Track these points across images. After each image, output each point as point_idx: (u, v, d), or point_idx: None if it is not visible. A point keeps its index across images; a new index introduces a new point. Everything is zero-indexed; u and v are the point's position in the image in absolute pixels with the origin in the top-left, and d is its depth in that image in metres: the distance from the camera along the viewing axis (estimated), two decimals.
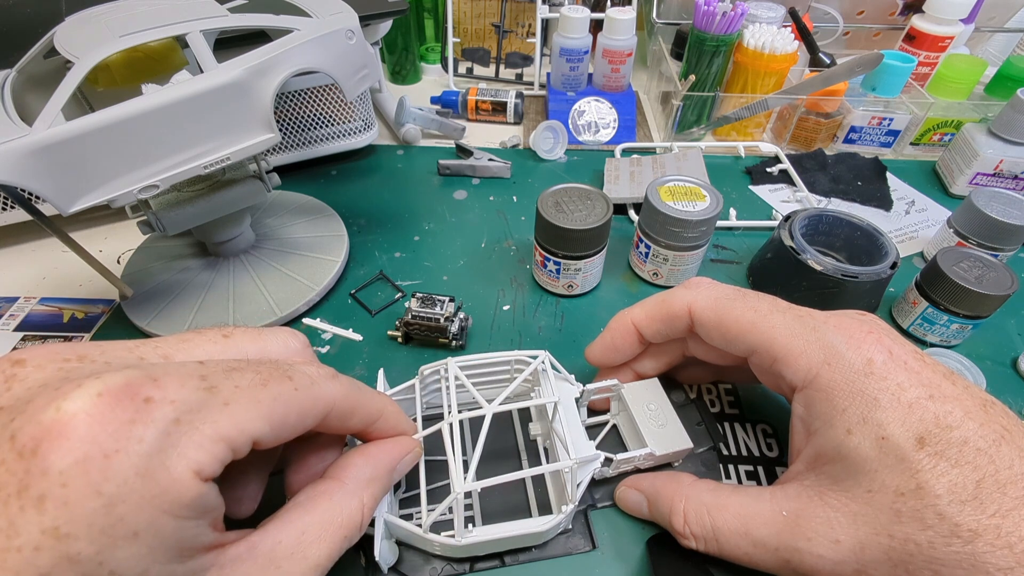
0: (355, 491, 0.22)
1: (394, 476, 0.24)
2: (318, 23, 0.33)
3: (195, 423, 0.16)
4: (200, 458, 0.16)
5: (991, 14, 0.70)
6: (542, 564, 0.28)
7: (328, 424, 0.21)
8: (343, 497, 0.21)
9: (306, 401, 0.19)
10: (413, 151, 0.59)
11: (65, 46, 0.29)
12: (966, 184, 0.53)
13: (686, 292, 0.28)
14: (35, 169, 0.26)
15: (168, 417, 0.15)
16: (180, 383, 0.16)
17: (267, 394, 0.18)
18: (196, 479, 0.16)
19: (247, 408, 0.17)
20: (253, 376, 0.18)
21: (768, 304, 0.26)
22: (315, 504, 0.21)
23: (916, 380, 0.21)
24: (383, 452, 0.24)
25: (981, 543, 0.18)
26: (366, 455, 0.23)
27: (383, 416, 0.24)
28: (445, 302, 0.37)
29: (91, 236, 0.48)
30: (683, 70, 0.60)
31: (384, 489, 0.23)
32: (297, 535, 0.20)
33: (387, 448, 0.24)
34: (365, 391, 0.23)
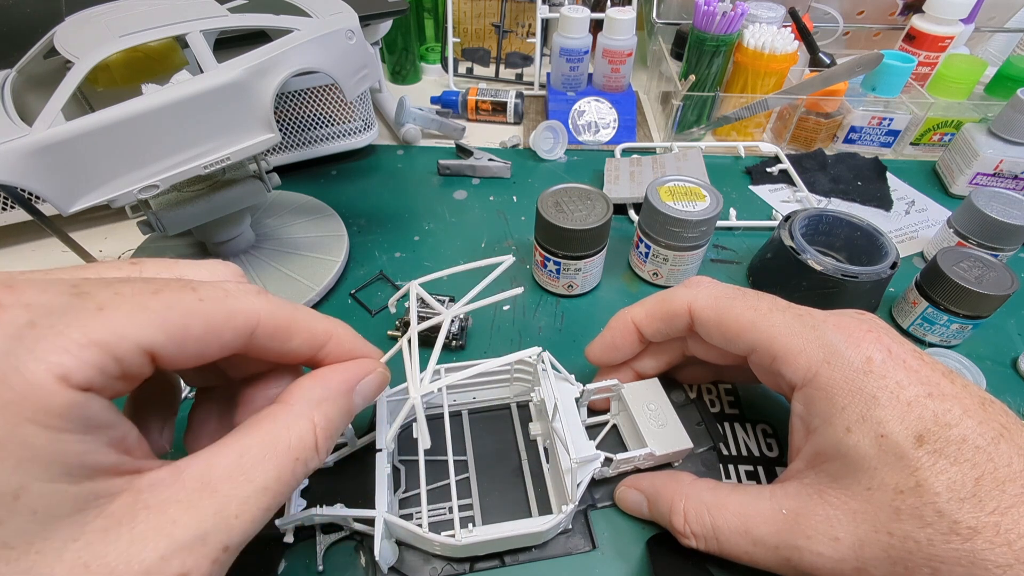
0: (303, 411, 0.20)
1: (357, 399, 0.22)
2: (318, 23, 0.33)
3: (57, 327, 0.14)
4: (64, 361, 0.14)
5: (991, 14, 0.70)
6: (542, 564, 0.28)
7: (260, 346, 0.19)
8: (290, 417, 0.19)
9: (216, 313, 0.18)
10: (413, 151, 0.59)
11: (65, 46, 0.29)
12: (966, 184, 0.53)
13: (686, 291, 0.28)
14: (35, 169, 0.26)
15: (19, 320, 0.14)
16: (41, 289, 0.15)
17: (159, 302, 0.16)
18: (62, 385, 0.14)
19: (129, 314, 0.15)
20: (143, 286, 0.16)
21: (768, 303, 0.26)
22: (257, 426, 0.19)
23: (915, 378, 0.21)
24: (336, 372, 0.22)
25: (980, 540, 0.18)
26: (315, 377, 0.21)
27: (334, 338, 0.22)
28: (445, 302, 0.37)
29: (91, 236, 0.48)
30: (683, 70, 0.60)
31: (343, 412, 0.21)
32: (235, 457, 0.17)
33: (341, 368, 0.22)
34: (305, 311, 0.21)
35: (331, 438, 0.20)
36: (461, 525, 0.26)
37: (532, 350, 0.29)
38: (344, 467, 0.31)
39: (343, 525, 0.28)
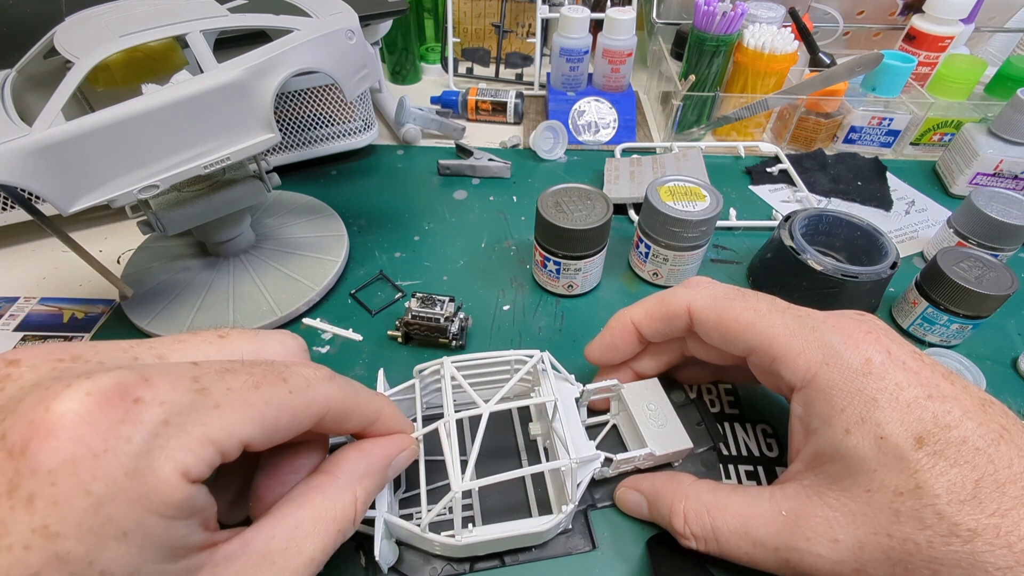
0: (348, 485, 0.22)
1: (390, 473, 0.24)
2: (318, 23, 0.33)
3: (184, 425, 0.16)
4: (187, 460, 0.16)
5: (991, 14, 0.70)
6: (542, 564, 0.28)
7: (324, 426, 0.21)
8: (336, 491, 0.21)
9: (300, 404, 0.19)
10: (413, 151, 0.59)
11: (65, 46, 0.29)
12: (966, 184, 0.53)
13: (685, 291, 0.28)
14: (35, 169, 0.26)
15: (157, 418, 0.15)
16: (171, 384, 0.16)
17: (259, 397, 0.18)
18: (183, 480, 0.16)
19: (237, 411, 0.17)
20: (246, 378, 0.18)
21: (767, 304, 0.26)
22: (308, 499, 0.21)
23: (915, 380, 0.21)
24: (378, 448, 0.23)
25: (980, 542, 0.18)
26: (360, 450, 0.23)
27: (381, 417, 0.24)
28: (445, 302, 0.37)
29: (91, 236, 0.48)
30: (683, 70, 0.60)
31: (379, 484, 0.23)
32: (290, 530, 0.19)
33: (382, 444, 0.24)
34: (363, 392, 0.23)
35: (366, 508, 0.22)
36: (461, 525, 0.26)
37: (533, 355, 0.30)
38: None
39: None
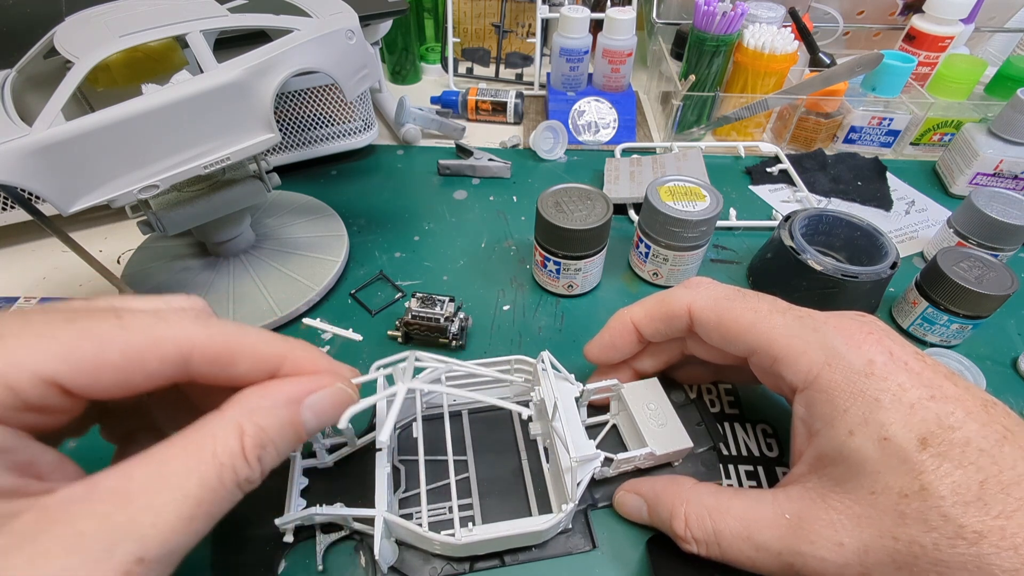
0: (233, 417, 0.18)
1: (305, 414, 0.20)
2: (318, 23, 0.33)
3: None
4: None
5: (991, 14, 0.70)
6: (542, 564, 0.28)
7: (202, 373, 0.19)
8: (217, 423, 0.18)
9: (138, 341, 0.17)
10: (413, 151, 0.59)
11: (65, 46, 0.29)
12: (966, 184, 0.53)
13: (686, 292, 0.28)
14: (35, 169, 0.26)
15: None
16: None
17: (69, 331, 0.16)
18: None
19: (30, 343, 0.16)
20: (58, 315, 0.16)
21: (768, 304, 0.26)
22: (182, 435, 0.18)
23: (917, 381, 0.21)
24: (281, 383, 0.20)
25: (986, 544, 0.18)
26: (259, 386, 0.20)
27: (289, 360, 0.21)
28: (445, 302, 0.37)
29: (91, 236, 0.48)
30: (683, 70, 0.60)
31: (281, 423, 0.19)
32: (155, 467, 0.17)
33: (290, 381, 0.20)
34: (254, 334, 0.20)
35: (262, 448, 0.18)
36: (461, 524, 0.26)
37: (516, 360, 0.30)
38: (344, 467, 0.31)
39: (343, 525, 0.28)
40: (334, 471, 0.31)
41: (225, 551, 0.28)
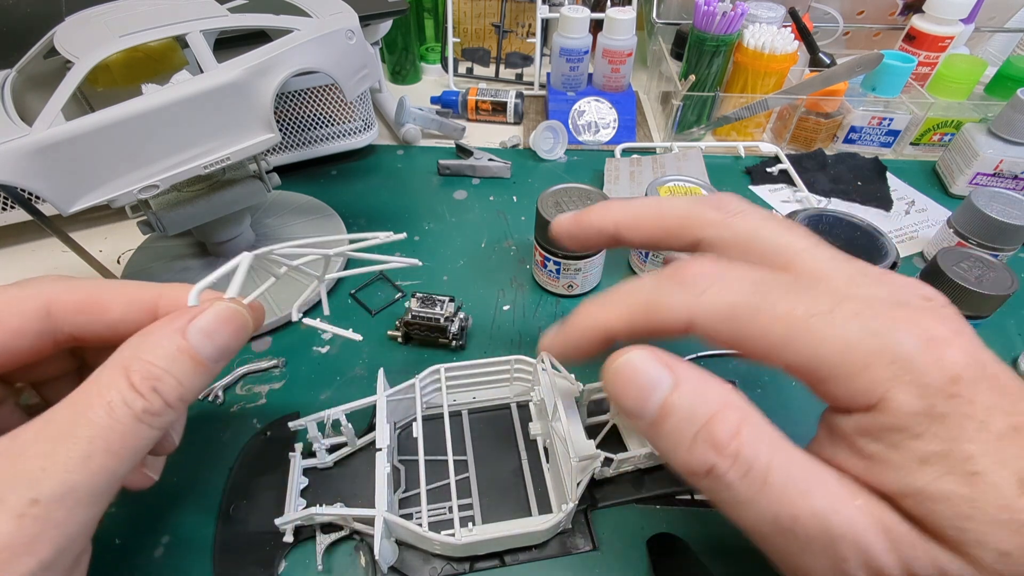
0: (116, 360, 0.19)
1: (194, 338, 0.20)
2: (318, 23, 0.33)
3: None
4: None
5: (991, 14, 0.70)
6: (542, 564, 0.28)
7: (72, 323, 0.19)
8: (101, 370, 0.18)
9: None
10: (413, 151, 0.59)
11: (65, 46, 0.29)
12: (966, 184, 0.53)
13: (684, 296, 0.20)
14: (35, 169, 0.26)
15: None
16: None
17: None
18: None
19: None
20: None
21: (805, 304, 0.18)
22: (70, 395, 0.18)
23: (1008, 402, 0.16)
24: (162, 320, 0.20)
25: None
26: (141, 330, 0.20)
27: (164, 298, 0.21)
28: (445, 302, 0.37)
29: (91, 236, 0.48)
30: (683, 70, 0.60)
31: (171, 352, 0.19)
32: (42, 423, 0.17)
33: (170, 315, 0.20)
34: (124, 282, 0.21)
35: (156, 379, 0.18)
36: (461, 524, 0.26)
37: None
38: (344, 467, 0.31)
39: (343, 525, 0.28)
40: (334, 471, 0.31)
41: (225, 551, 0.28)
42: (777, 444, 0.17)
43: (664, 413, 0.17)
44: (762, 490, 0.16)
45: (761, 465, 0.17)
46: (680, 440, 0.17)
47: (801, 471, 0.17)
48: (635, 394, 0.18)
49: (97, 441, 0.17)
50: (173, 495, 0.30)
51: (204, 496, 0.30)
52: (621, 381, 0.18)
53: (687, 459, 0.17)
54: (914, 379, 0.16)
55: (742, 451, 0.17)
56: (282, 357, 0.37)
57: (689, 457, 0.17)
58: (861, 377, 0.17)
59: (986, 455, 0.15)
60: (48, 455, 0.17)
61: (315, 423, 0.29)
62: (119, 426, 0.18)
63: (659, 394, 0.17)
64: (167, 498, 0.30)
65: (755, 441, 0.17)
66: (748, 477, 0.17)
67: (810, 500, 0.16)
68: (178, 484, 0.30)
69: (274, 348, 0.38)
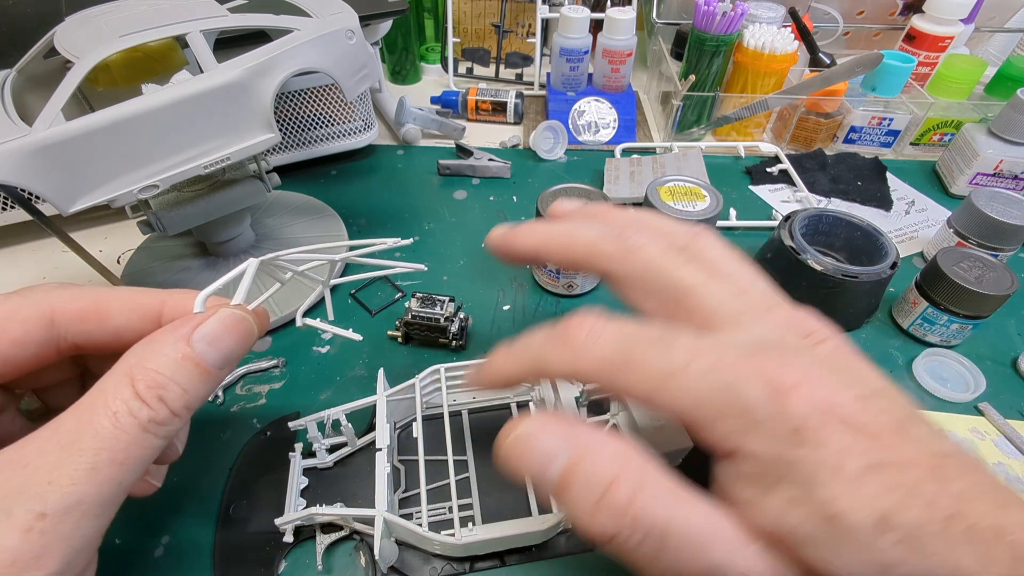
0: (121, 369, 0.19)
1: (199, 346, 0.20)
2: (318, 23, 0.33)
3: None
4: None
5: (991, 14, 0.70)
6: (542, 564, 0.28)
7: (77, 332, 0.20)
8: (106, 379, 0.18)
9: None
10: (413, 151, 0.59)
11: (65, 46, 0.29)
12: (966, 184, 0.53)
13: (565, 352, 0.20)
14: (35, 169, 0.26)
15: None
16: None
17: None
18: None
19: None
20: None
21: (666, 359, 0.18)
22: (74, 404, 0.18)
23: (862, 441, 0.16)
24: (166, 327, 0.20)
25: None
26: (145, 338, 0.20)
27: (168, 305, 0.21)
28: (445, 302, 0.37)
29: (91, 236, 0.48)
30: (683, 70, 0.60)
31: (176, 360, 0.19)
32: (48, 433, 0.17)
33: (174, 323, 0.20)
34: (126, 289, 0.21)
35: (161, 387, 0.18)
36: (461, 524, 0.26)
37: None
38: (344, 467, 0.31)
39: (343, 524, 0.28)
40: (334, 471, 0.31)
41: (225, 551, 0.28)
42: (673, 502, 0.17)
43: (563, 483, 0.17)
44: (662, 552, 0.17)
45: (658, 528, 0.17)
46: (582, 508, 0.17)
47: (698, 526, 0.17)
48: (535, 465, 0.18)
49: (103, 452, 0.17)
50: (173, 495, 0.30)
51: (204, 496, 0.30)
52: (518, 454, 0.18)
53: (589, 526, 0.17)
54: (760, 430, 0.17)
55: (639, 517, 0.17)
56: (282, 357, 0.37)
57: (591, 525, 0.17)
58: (714, 429, 0.17)
59: (842, 497, 0.16)
60: (54, 467, 0.16)
61: (315, 423, 0.29)
62: (125, 436, 0.18)
63: (557, 464, 0.18)
64: (167, 498, 0.30)
65: (651, 504, 0.17)
66: (647, 541, 0.17)
67: (708, 554, 0.17)
68: (178, 484, 0.30)
69: (274, 348, 0.38)
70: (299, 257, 0.25)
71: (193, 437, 0.25)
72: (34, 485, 0.16)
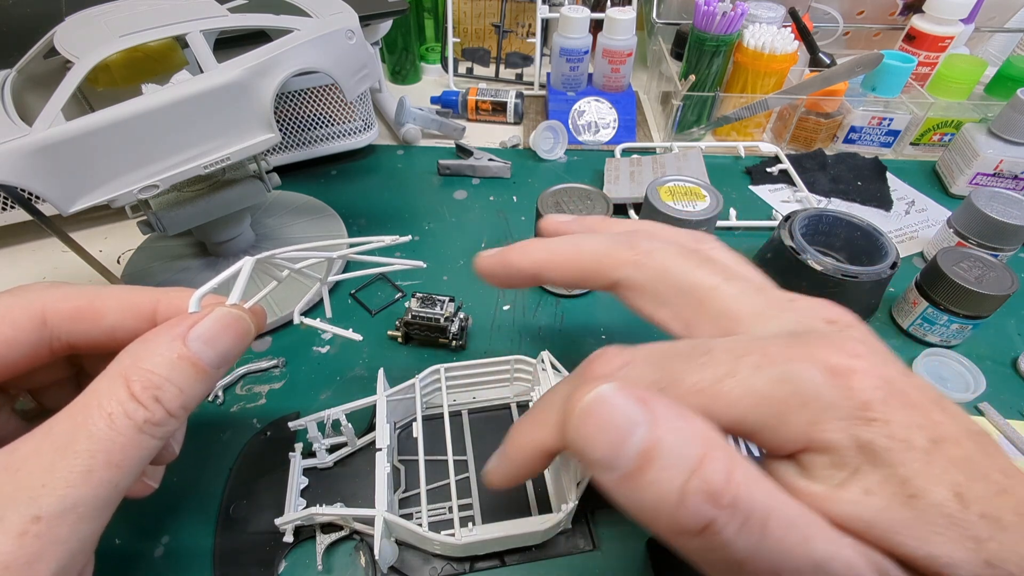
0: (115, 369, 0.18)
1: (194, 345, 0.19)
2: (318, 23, 0.33)
3: None
4: None
5: (991, 14, 0.70)
6: (542, 564, 0.28)
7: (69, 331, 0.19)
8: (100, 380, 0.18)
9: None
10: (413, 151, 0.59)
11: (65, 46, 0.29)
12: (966, 184, 0.53)
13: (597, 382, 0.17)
14: (35, 169, 0.26)
15: None
16: None
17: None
18: None
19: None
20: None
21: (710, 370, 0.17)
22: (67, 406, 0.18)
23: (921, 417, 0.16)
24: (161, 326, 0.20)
25: None
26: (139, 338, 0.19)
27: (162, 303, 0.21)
28: (445, 302, 0.37)
29: (91, 236, 0.48)
30: (683, 70, 0.60)
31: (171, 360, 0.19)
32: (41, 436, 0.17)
33: (169, 321, 0.20)
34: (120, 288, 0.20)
35: (157, 388, 0.18)
36: (461, 524, 0.26)
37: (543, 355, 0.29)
38: (344, 467, 0.31)
39: (343, 524, 0.28)
40: (334, 471, 0.31)
41: (225, 551, 0.28)
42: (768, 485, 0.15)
43: (645, 460, 0.14)
44: (761, 542, 0.14)
45: (759, 513, 0.14)
46: (666, 492, 0.14)
47: (796, 514, 0.15)
48: (608, 439, 0.14)
49: (98, 455, 0.17)
50: (173, 495, 0.30)
51: (204, 496, 0.30)
52: (592, 425, 0.14)
53: (676, 514, 0.14)
54: (830, 416, 0.16)
55: (739, 499, 0.14)
56: (282, 357, 0.37)
57: (679, 511, 0.14)
58: (782, 428, 0.16)
59: (918, 476, 0.15)
60: (48, 470, 0.16)
61: (315, 423, 0.29)
62: (120, 438, 0.17)
63: (637, 437, 0.14)
64: (167, 498, 0.30)
65: (749, 485, 0.14)
66: (747, 529, 0.14)
67: (810, 547, 0.14)
68: (178, 484, 0.30)
69: (274, 348, 0.38)
70: (296, 255, 0.25)
71: (193, 437, 0.25)
72: (28, 489, 0.16)
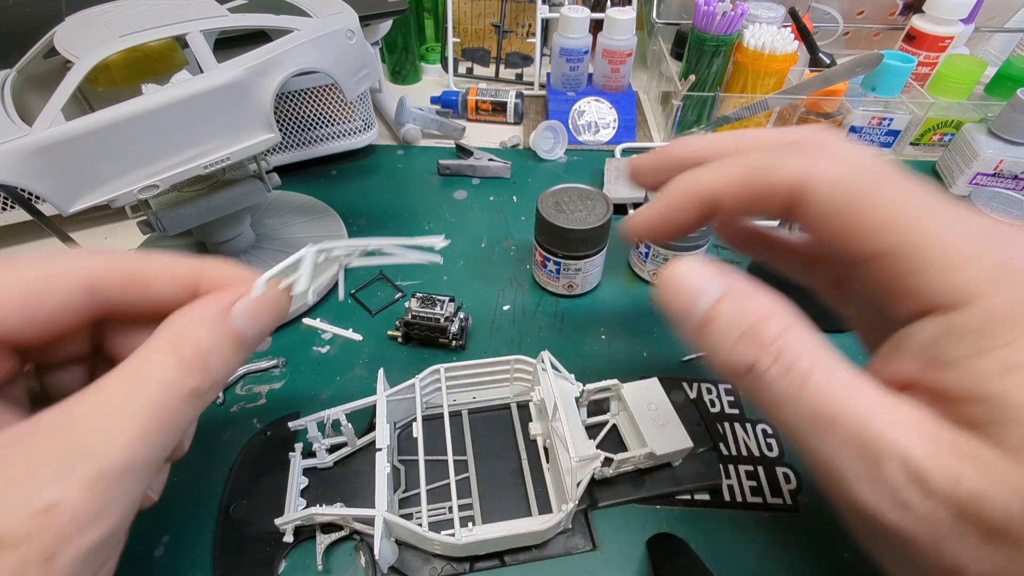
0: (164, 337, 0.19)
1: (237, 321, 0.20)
2: (318, 23, 0.33)
3: None
4: None
5: (991, 14, 0.70)
6: (542, 564, 0.28)
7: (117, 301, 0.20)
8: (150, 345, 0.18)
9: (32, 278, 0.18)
10: (413, 151, 0.59)
11: (65, 46, 0.29)
12: (966, 184, 0.53)
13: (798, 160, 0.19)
14: (35, 169, 0.26)
15: None
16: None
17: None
18: None
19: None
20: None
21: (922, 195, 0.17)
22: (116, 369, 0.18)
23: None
24: (206, 299, 0.20)
25: None
26: (183, 307, 0.20)
27: (205, 276, 0.21)
28: (445, 302, 0.37)
29: (91, 236, 0.48)
30: (683, 70, 0.60)
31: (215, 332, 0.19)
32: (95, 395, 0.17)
33: (213, 294, 0.20)
34: (165, 257, 0.21)
35: (204, 357, 0.19)
36: (461, 524, 0.26)
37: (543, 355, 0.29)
38: (344, 467, 0.31)
39: (343, 525, 0.28)
40: (334, 471, 0.31)
41: (225, 551, 0.28)
42: (823, 351, 0.17)
43: (710, 317, 0.18)
44: (802, 389, 0.16)
45: (803, 366, 0.16)
46: (724, 340, 0.17)
47: (845, 376, 0.16)
48: (682, 299, 0.18)
49: (153, 419, 0.17)
50: (173, 495, 0.30)
51: (204, 496, 0.30)
52: (671, 286, 0.19)
53: (728, 358, 0.17)
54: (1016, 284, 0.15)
55: (785, 350, 0.16)
56: (282, 357, 0.37)
57: (731, 356, 0.17)
58: (960, 272, 0.16)
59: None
60: (107, 429, 0.16)
61: (315, 423, 0.29)
62: (172, 403, 0.18)
63: (706, 300, 0.18)
64: (167, 498, 0.29)
65: (799, 344, 0.17)
66: (788, 376, 0.16)
67: (851, 402, 0.16)
68: (178, 484, 0.30)
69: (274, 348, 0.38)
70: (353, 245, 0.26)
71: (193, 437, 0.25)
72: (90, 445, 0.16)
